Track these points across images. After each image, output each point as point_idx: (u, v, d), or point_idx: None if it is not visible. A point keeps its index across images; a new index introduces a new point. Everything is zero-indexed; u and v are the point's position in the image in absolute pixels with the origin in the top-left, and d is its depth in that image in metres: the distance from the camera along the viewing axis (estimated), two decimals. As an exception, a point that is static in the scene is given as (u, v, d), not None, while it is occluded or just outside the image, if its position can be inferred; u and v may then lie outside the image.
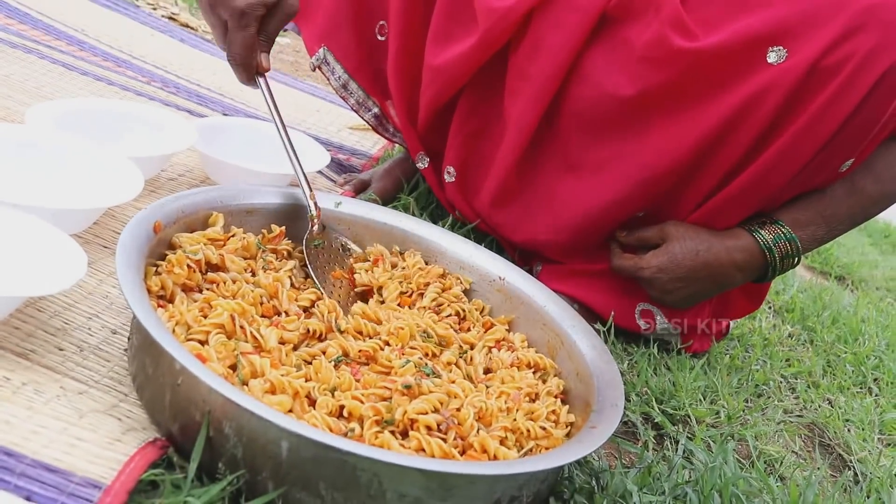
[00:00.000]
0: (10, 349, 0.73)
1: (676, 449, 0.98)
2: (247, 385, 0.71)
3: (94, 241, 0.95)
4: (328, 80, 1.32)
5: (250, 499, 0.64)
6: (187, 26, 2.17)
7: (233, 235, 0.90)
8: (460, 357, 0.89)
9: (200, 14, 2.32)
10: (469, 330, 0.95)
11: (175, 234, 0.85)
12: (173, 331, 0.74)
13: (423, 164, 1.27)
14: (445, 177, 1.24)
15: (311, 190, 0.98)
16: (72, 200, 0.92)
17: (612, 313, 1.14)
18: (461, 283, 1.01)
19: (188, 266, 0.81)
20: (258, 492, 0.64)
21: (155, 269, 0.81)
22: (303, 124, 1.64)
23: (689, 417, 1.08)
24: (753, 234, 1.11)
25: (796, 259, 1.12)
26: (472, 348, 0.91)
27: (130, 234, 0.76)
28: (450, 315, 0.95)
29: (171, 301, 0.79)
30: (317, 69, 1.33)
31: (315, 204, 0.97)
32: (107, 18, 1.88)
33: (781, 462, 1.06)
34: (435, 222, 1.31)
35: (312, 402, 0.73)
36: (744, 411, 1.15)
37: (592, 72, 1.07)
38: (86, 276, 0.87)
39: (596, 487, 0.83)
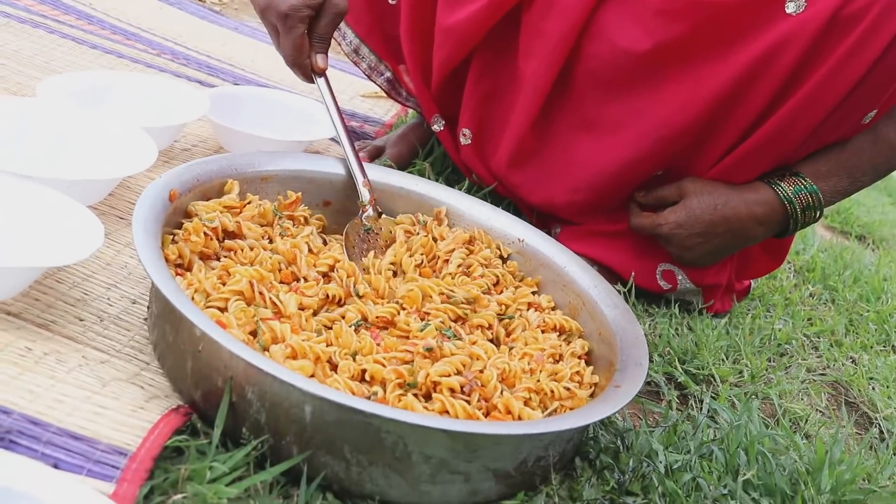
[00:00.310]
0: (32, 320, 0.72)
1: (701, 408, 0.98)
2: (268, 351, 0.71)
3: (111, 213, 0.95)
4: (339, 45, 1.31)
5: (275, 463, 0.64)
6: (195, -2, 2.15)
7: (249, 202, 0.89)
8: (499, 318, 0.87)
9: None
10: (502, 293, 0.93)
11: (191, 202, 0.84)
12: (192, 298, 0.73)
13: (438, 126, 1.26)
14: (461, 139, 1.22)
15: (364, 176, 0.98)
16: (86, 171, 0.91)
17: (633, 274, 1.13)
18: (500, 250, 0.99)
19: (205, 234, 0.80)
20: (283, 456, 0.64)
21: (171, 237, 0.80)
22: (315, 92, 1.62)
23: (712, 377, 1.07)
24: (773, 186, 1.09)
25: (818, 212, 1.11)
26: (507, 309, 0.90)
27: (146, 203, 0.75)
28: (483, 276, 0.93)
29: (188, 269, 0.79)
30: None
31: (369, 189, 0.98)
32: (114, -8, 1.86)
33: (806, 420, 1.05)
34: (451, 187, 1.30)
35: (334, 367, 0.73)
36: (767, 370, 1.14)
37: (607, 28, 1.05)
38: (103, 246, 0.87)
39: (621, 447, 0.82)
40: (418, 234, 0.98)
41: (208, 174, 0.87)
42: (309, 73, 1.02)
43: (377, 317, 0.81)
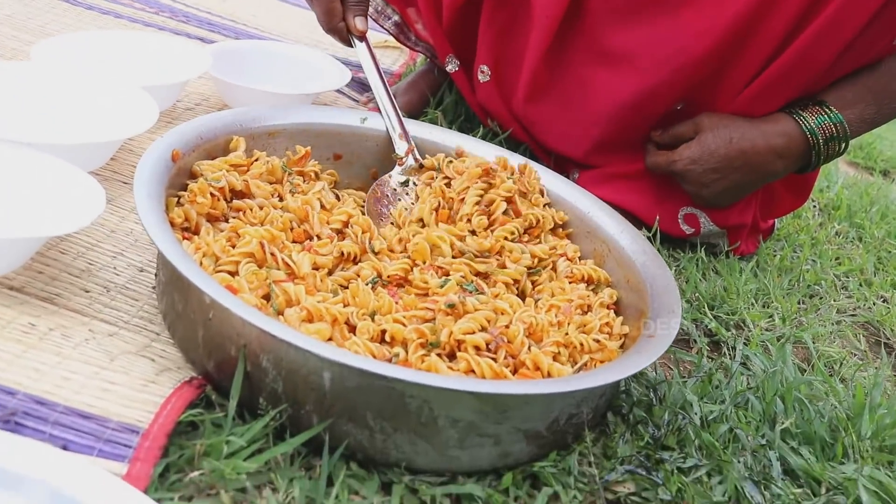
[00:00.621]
0: (35, 294, 0.69)
1: (733, 356, 0.94)
2: (282, 315, 0.68)
3: (113, 178, 0.91)
4: (343, -10, 1.25)
5: (295, 434, 0.61)
6: (191, -48, 2.08)
7: (256, 160, 0.85)
8: (529, 272, 0.83)
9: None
10: (539, 238, 0.89)
11: (195, 162, 0.80)
12: (200, 263, 0.70)
13: (453, 66, 1.20)
14: (479, 77, 1.17)
15: (402, 128, 0.95)
16: (85, 135, 0.87)
17: (657, 218, 1.08)
18: (544, 196, 0.92)
19: (211, 194, 0.76)
20: (302, 426, 0.61)
21: (177, 200, 0.77)
22: (320, 44, 1.57)
23: (742, 323, 1.03)
24: (794, 117, 1.03)
25: (843, 144, 1.05)
26: (539, 262, 0.85)
27: (148, 165, 0.71)
28: (506, 211, 0.87)
29: (196, 233, 0.75)
30: None
31: (408, 140, 0.94)
32: (107, -51, 1.81)
33: (842, 363, 1.01)
34: (465, 132, 1.25)
35: (352, 329, 0.70)
36: (798, 313, 1.10)
37: None
38: (107, 213, 0.84)
39: (654, 399, 0.79)
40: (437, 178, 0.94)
41: (212, 131, 0.83)
42: (345, 36, 0.99)
43: (390, 275, 0.77)
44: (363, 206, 0.92)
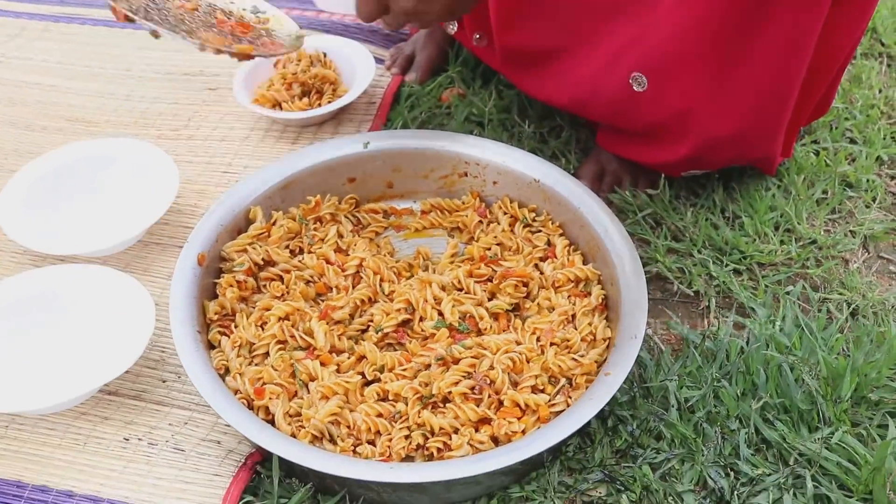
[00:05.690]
0: (126, 394, 0.88)
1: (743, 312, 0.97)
2: (307, 388, 0.85)
3: (151, 242, 1.07)
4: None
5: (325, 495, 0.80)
6: None
7: (274, 222, 1.00)
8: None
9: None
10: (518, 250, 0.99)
11: (223, 245, 0.96)
12: (237, 355, 0.87)
13: (452, 28, 1.24)
14: (475, 43, 1.22)
15: None
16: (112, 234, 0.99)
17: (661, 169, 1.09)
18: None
19: (238, 280, 0.93)
20: (328, 490, 0.81)
21: (215, 286, 0.94)
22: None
23: (760, 266, 1.03)
24: None
25: None
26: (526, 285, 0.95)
27: (179, 292, 0.89)
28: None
29: (233, 315, 0.92)
30: None
31: None
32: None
33: (864, 297, 0.98)
34: (487, 83, 1.30)
35: (367, 382, 0.86)
36: (824, 234, 1.07)
37: None
38: (161, 290, 0.98)
39: (638, 392, 0.87)
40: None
41: (230, 213, 0.98)
42: None
43: (389, 328, 0.91)
44: (376, 238, 1.05)
